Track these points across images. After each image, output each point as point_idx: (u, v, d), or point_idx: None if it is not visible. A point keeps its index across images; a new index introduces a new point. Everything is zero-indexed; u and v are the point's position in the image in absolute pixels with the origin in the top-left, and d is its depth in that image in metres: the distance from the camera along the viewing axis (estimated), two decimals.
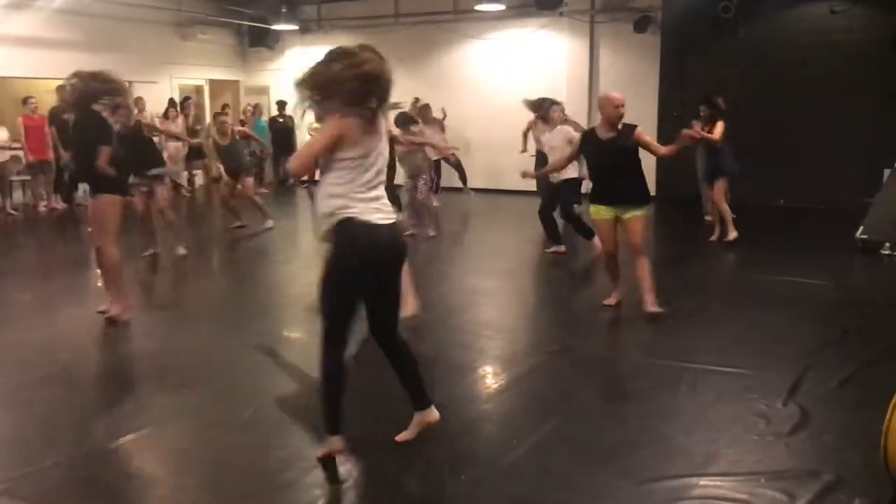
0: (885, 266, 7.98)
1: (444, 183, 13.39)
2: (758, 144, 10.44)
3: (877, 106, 10.92)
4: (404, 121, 8.46)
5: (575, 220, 8.46)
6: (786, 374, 4.65)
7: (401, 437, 3.75)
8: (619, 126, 5.83)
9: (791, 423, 3.96)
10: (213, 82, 16.31)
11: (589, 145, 6.04)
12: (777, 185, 11.77)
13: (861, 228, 8.55)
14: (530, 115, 10.00)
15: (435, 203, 10.93)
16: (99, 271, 6.17)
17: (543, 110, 8.50)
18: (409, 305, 5.83)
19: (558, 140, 8.08)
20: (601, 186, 6.02)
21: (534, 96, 8.90)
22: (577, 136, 7.41)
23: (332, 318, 3.43)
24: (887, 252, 8.24)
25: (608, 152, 5.85)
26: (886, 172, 8.63)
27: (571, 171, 8.20)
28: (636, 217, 5.90)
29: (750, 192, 10.36)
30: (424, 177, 9.15)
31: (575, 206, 8.55)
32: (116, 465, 3.60)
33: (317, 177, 3.49)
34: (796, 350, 5.13)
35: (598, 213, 6.01)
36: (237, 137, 10.43)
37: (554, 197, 8.55)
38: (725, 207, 8.98)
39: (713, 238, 9.04)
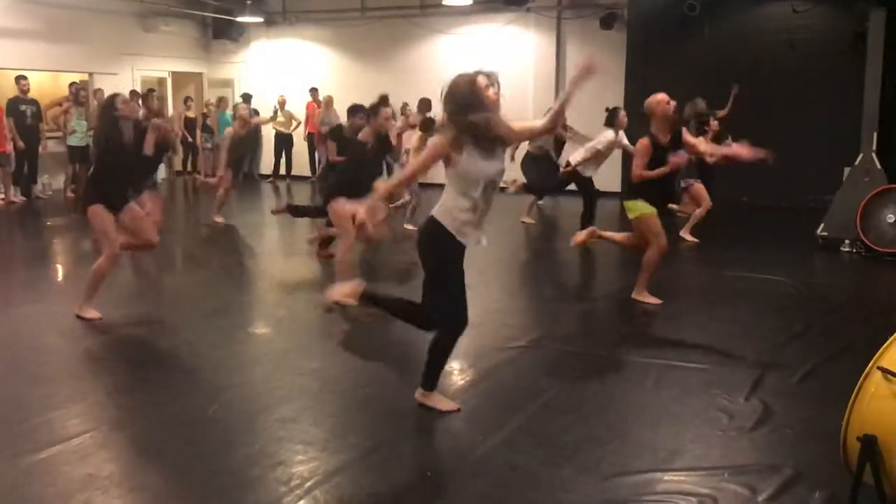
0: (845, 263, 8.13)
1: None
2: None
3: (837, 104, 11.06)
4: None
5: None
6: (748, 369, 4.72)
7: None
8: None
9: (754, 418, 4.01)
10: (175, 74, 16.10)
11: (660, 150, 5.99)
12: (741, 183, 11.84)
13: (822, 226, 8.70)
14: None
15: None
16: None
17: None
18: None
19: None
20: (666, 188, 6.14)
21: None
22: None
23: None
24: (847, 249, 8.40)
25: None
26: (847, 171, 8.77)
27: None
28: None
29: (714, 188, 10.46)
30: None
31: None
32: (74, 465, 3.52)
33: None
34: (759, 345, 5.20)
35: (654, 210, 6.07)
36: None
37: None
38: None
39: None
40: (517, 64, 13.64)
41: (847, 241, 8.43)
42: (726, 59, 11.87)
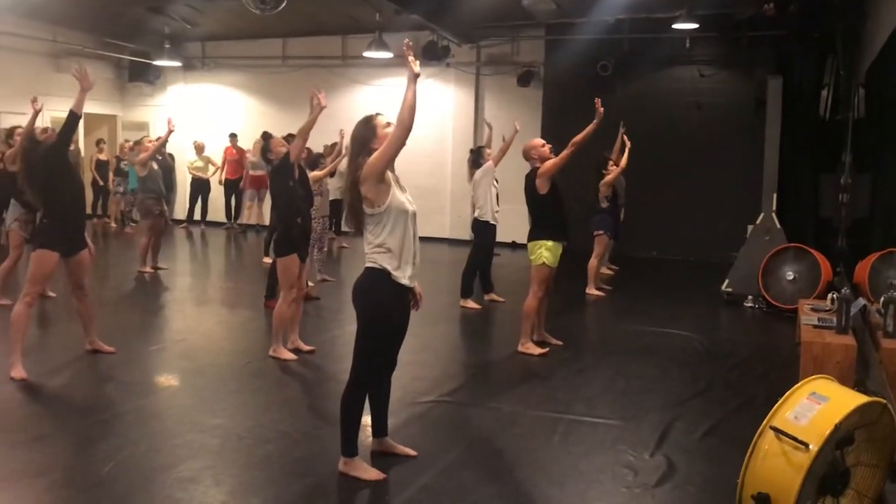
0: (747, 318, 8.40)
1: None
2: (631, 197, 10.87)
3: (741, 164, 11.54)
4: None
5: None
6: (654, 424, 4.79)
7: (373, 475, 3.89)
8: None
9: (658, 474, 4.06)
10: (88, 116, 15.65)
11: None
12: (649, 238, 12.27)
13: (727, 282, 9.00)
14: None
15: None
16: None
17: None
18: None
19: None
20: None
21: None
22: None
23: None
24: (750, 304, 8.69)
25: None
26: (750, 228, 9.11)
27: None
28: None
29: (623, 243, 10.74)
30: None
31: None
32: None
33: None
34: (664, 400, 5.30)
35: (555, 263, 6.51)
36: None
37: None
38: (593, 263, 9.36)
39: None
40: (437, 116, 13.82)
41: (750, 297, 8.73)
42: (636, 118, 12.25)
